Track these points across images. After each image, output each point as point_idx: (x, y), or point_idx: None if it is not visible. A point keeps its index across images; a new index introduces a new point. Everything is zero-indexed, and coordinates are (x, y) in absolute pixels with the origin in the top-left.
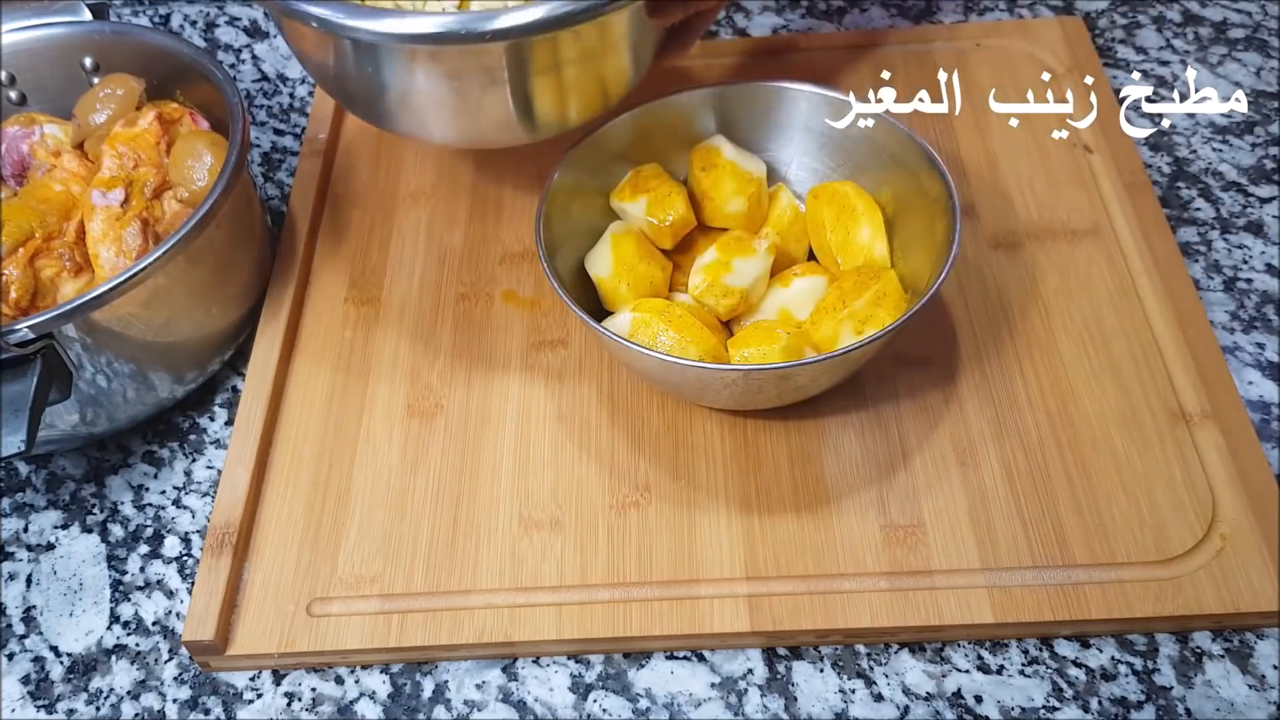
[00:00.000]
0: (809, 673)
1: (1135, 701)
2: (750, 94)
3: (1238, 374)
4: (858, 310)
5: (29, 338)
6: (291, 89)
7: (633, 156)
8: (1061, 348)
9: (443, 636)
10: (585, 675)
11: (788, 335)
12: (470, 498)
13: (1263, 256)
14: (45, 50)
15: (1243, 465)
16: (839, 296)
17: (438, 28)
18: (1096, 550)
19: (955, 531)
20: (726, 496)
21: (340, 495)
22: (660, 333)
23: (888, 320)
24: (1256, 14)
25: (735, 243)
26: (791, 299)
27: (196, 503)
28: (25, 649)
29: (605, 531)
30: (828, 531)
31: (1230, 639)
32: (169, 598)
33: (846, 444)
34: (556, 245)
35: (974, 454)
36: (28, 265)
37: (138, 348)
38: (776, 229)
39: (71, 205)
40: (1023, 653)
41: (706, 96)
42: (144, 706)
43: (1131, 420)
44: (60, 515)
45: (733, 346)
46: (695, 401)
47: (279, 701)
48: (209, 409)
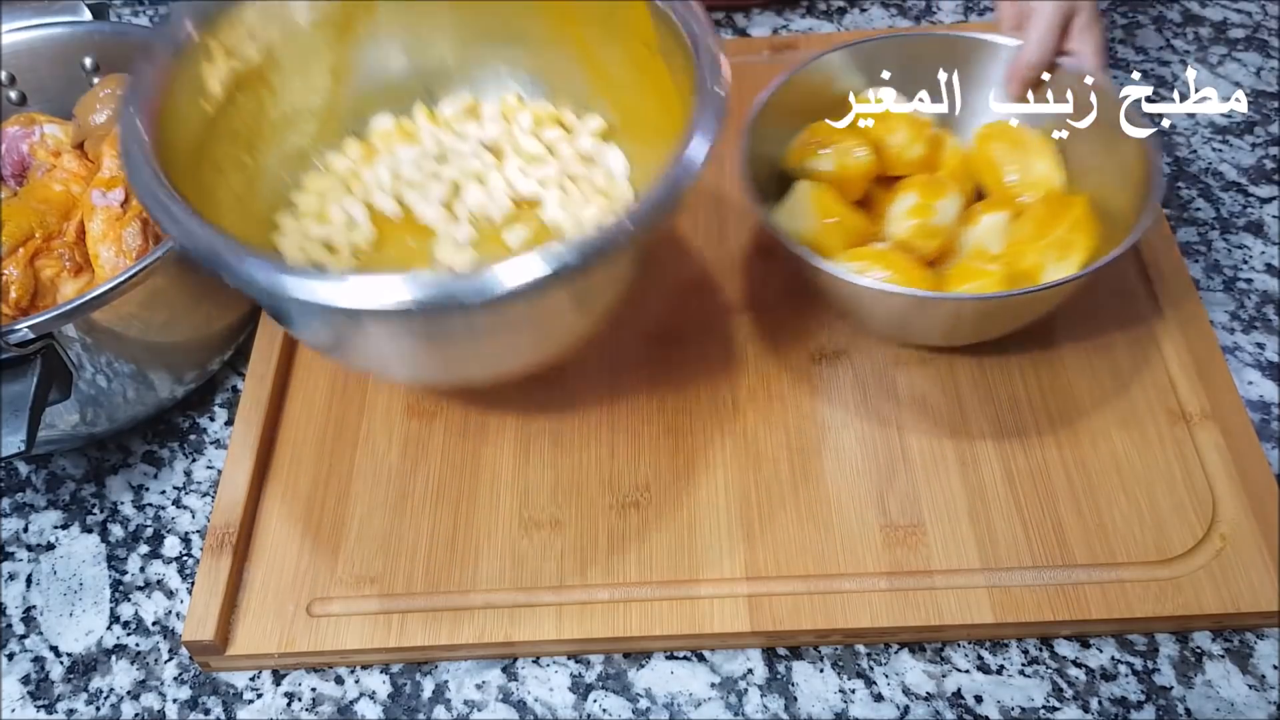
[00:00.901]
0: (809, 673)
1: (1135, 701)
2: (896, 46)
3: (1238, 374)
4: (1058, 238)
5: (29, 338)
6: None
7: (799, 119)
8: (1061, 348)
9: (443, 637)
10: (585, 675)
11: (1001, 267)
12: (470, 498)
13: (1263, 256)
14: (45, 50)
15: (1243, 465)
16: (1036, 226)
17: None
18: (1096, 550)
19: (955, 531)
20: (726, 496)
21: (340, 495)
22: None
23: (1086, 245)
24: (1256, 14)
25: (930, 184)
26: (982, 235)
27: (196, 503)
28: (25, 649)
29: (605, 531)
30: (828, 531)
31: (1230, 639)
32: (169, 598)
33: (846, 444)
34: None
35: (974, 454)
36: (28, 265)
37: (138, 348)
38: (947, 170)
39: (71, 205)
40: (1023, 653)
41: (848, 55)
42: (144, 706)
43: (1131, 420)
44: (60, 515)
45: (951, 282)
46: (903, 339)
47: (279, 701)
48: (209, 409)
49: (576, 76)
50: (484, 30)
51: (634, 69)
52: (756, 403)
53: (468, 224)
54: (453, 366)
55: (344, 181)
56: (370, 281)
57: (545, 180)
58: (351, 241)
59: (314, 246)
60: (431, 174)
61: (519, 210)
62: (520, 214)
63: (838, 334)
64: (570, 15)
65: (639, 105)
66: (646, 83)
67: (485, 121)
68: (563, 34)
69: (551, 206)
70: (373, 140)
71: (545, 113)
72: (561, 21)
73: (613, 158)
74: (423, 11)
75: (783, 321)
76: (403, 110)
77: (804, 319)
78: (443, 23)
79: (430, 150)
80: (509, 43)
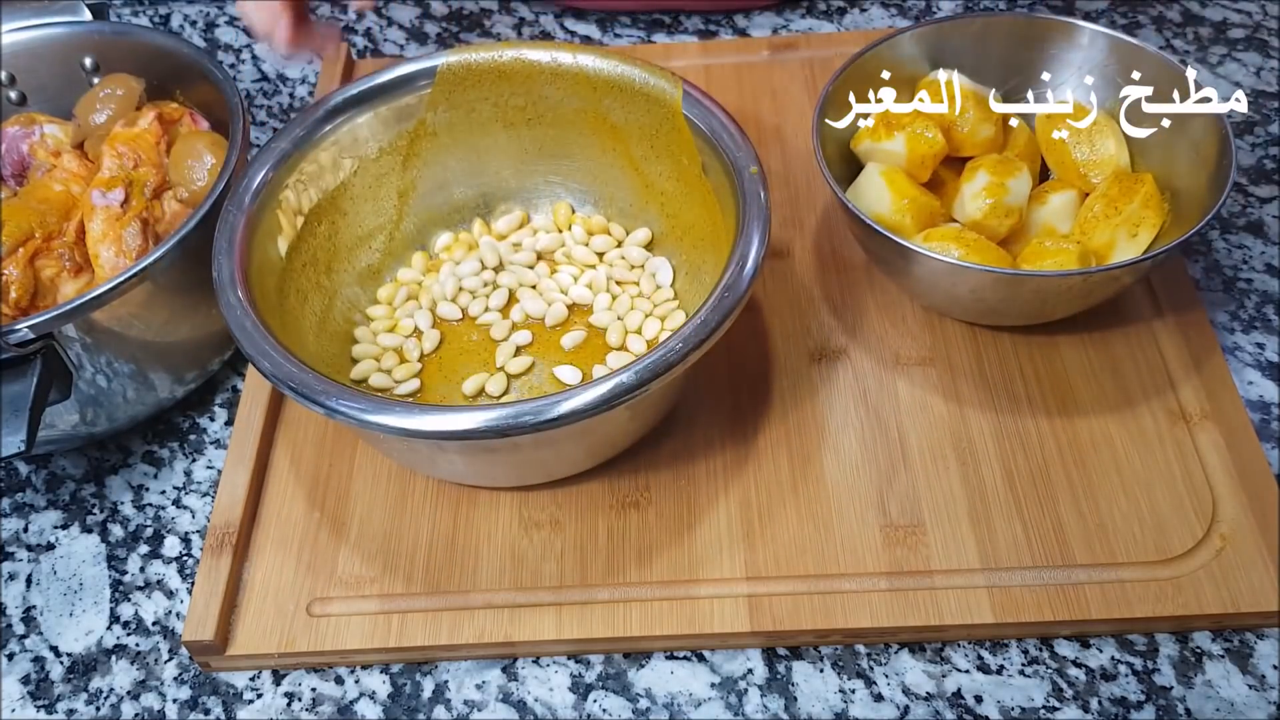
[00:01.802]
0: (809, 673)
1: (1135, 701)
2: (961, 28)
3: (1238, 374)
4: (1130, 214)
5: (29, 338)
6: (291, 89)
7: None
8: (1061, 348)
9: (443, 636)
10: (585, 675)
11: (1076, 245)
12: (470, 498)
13: (1263, 256)
14: (45, 50)
15: (1243, 465)
16: (1108, 204)
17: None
18: (1096, 550)
19: (955, 531)
20: (726, 496)
21: (340, 495)
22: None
23: (1154, 223)
24: (1256, 14)
25: (1001, 164)
26: (1051, 214)
27: (196, 503)
28: (25, 649)
29: (605, 531)
30: (828, 531)
31: (1230, 639)
32: (169, 598)
33: (846, 444)
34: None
35: (974, 454)
36: (28, 265)
37: (138, 348)
38: (1014, 151)
39: (71, 205)
40: (1023, 653)
41: (912, 37)
42: (144, 706)
43: (1131, 420)
44: (60, 515)
45: (1027, 261)
46: (975, 319)
47: (279, 701)
48: (209, 409)
49: (624, 188)
50: (538, 150)
51: (678, 181)
52: (756, 402)
53: (525, 330)
54: (514, 473)
55: (411, 293)
56: (441, 414)
57: (594, 284)
58: (421, 347)
59: (387, 355)
60: (490, 283)
61: (571, 314)
62: (572, 318)
63: (838, 334)
64: (619, 135)
65: (683, 214)
66: (690, 194)
67: (539, 232)
68: (611, 151)
69: (600, 310)
70: (435, 252)
71: (595, 224)
72: (611, 140)
73: (660, 266)
74: (481, 135)
75: (783, 321)
76: (461, 222)
77: (804, 319)
78: (500, 144)
79: (489, 261)
80: (561, 159)
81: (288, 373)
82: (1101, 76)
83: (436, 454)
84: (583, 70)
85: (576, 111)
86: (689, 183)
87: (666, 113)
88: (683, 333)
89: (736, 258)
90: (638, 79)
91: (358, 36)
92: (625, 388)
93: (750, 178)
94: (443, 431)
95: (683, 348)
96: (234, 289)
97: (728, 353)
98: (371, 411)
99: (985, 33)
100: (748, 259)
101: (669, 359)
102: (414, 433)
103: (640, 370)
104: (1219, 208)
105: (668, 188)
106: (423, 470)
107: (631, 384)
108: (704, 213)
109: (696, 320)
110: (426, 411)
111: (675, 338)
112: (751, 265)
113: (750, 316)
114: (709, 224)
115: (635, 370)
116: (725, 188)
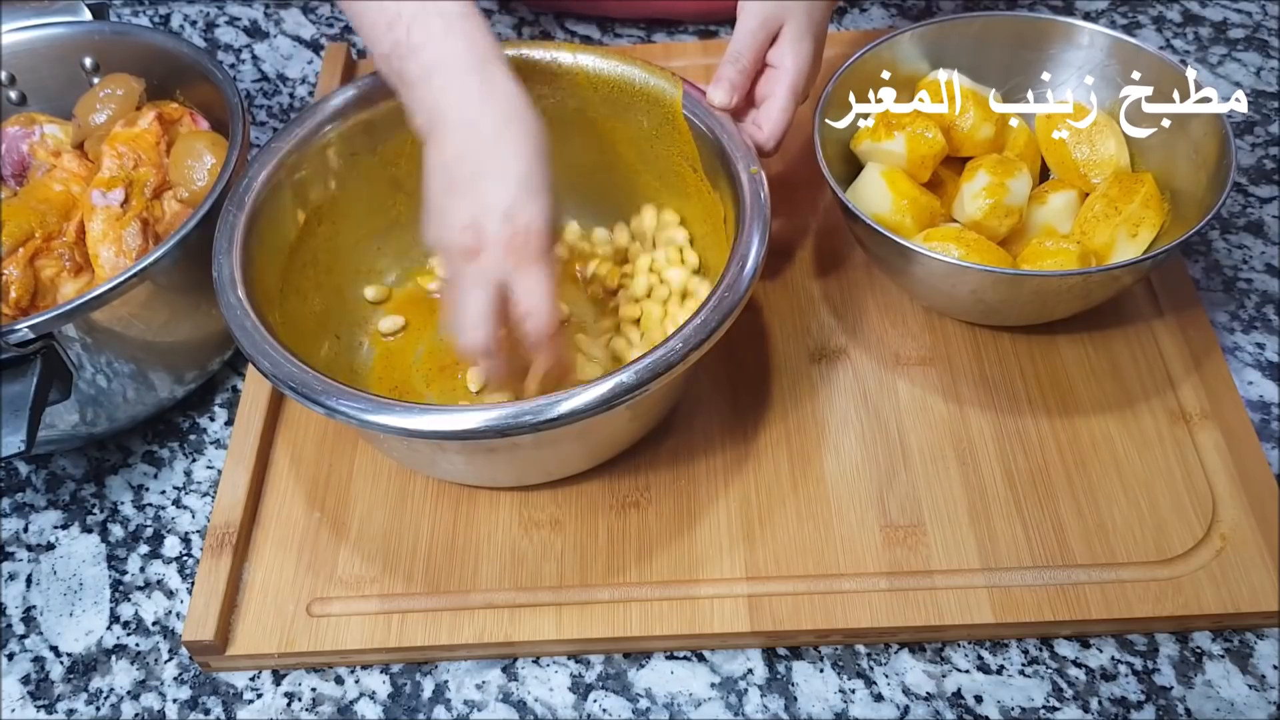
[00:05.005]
0: (809, 673)
1: (1135, 701)
2: (961, 28)
3: (1238, 374)
4: (1130, 214)
5: (29, 338)
6: (291, 89)
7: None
8: (1061, 348)
9: (443, 636)
10: (585, 675)
11: (1076, 245)
12: (470, 498)
13: (1263, 256)
14: (45, 50)
15: (1243, 465)
16: (1109, 204)
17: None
18: (1096, 550)
19: (955, 531)
20: (726, 496)
21: (340, 495)
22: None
23: (1154, 222)
24: (1256, 14)
25: (1001, 164)
26: (1051, 214)
27: (196, 503)
28: (25, 649)
29: (605, 531)
30: (828, 531)
31: (1230, 639)
32: (169, 598)
33: (846, 444)
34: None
35: (974, 454)
36: (28, 265)
37: (138, 348)
38: (1013, 151)
39: (71, 205)
40: (1023, 653)
41: (912, 37)
42: (144, 706)
43: (1131, 420)
44: (60, 515)
45: (1027, 261)
46: (973, 319)
47: (279, 701)
48: (209, 409)
49: (624, 187)
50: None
51: (678, 181)
52: (756, 402)
53: None
54: (514, 473)
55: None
56: (442, 414)
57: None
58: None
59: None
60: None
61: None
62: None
63: (838, 334)
64: (618, 135)
65: (683, 214)
66: (690, 194)
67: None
68: (611, 151)
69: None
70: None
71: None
72: (611, 140)
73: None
74: None
75: (783, 321)
76: None
77: (804, 319)
78: None
79: None
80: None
81: (288, 372)
82: (1101, 76)
83: (437, 454)
84: (582, 70)
85: (576, 111)
86: (689, 182)
87: (666, 113)
88: (683, 333)
89: (736, 258)
90: (638, 79)
91: (358, 36)
92: (625, 388)
93: (750, 178)
94: (443, 431)
95: (683, 348)
96: (234, 289)
97: (728, 353)
98: (371, 411)
99: (985, 33)
100: (748, 259)
101: (669, 359)
102: (414, 432)
103: (640, 370)
104: (1219, 208)
105: (667, 187)
106: (423, 470)
107: (631, 384)
108: (704, 213)
109: (696, 320)
110: (427, 411)
111: (675, 338)
112: (751, 265)
113: (750, 316)
114: (709, 224)
115: (635, 370)
116: (725, 188)
